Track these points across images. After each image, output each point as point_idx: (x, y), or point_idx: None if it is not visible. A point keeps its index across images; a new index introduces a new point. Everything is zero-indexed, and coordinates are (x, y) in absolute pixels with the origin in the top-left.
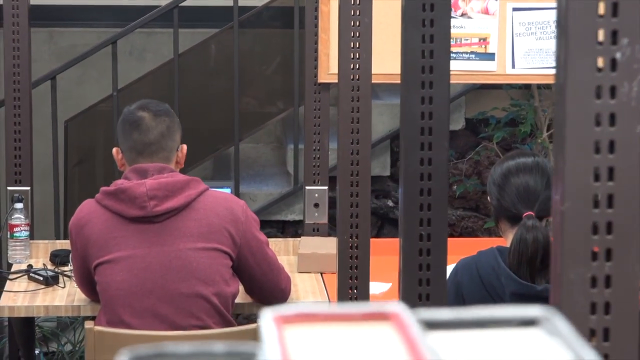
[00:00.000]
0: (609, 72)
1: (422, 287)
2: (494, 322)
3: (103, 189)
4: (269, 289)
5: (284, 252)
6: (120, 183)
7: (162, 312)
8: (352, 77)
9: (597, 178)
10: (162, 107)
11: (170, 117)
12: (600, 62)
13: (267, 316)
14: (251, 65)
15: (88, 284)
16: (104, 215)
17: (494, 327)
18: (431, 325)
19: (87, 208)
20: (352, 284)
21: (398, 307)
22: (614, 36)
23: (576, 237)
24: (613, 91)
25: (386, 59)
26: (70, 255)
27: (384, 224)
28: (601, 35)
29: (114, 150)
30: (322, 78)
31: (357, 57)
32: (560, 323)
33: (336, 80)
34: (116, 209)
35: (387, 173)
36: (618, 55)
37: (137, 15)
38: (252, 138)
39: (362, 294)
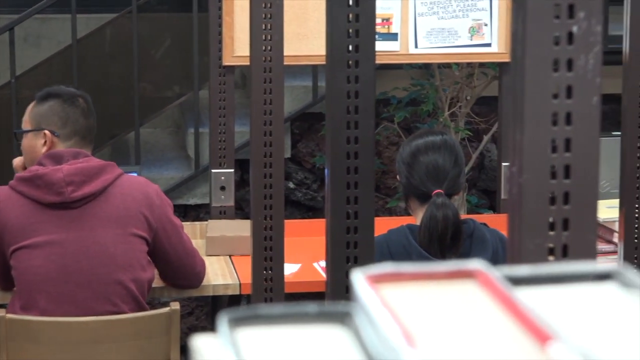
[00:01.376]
0: (566, 46)
1: (349, 264)
2: (571, 277)
3: (18, 175)
4: (184, 272)
5: (191, 235)
6: (35, 169)
7: (79, 297)
8: (264, 59)
9: (554, 150)
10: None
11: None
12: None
13: (359, 276)
14: (149, 50)
15: (1, 272)
16: (20, 201)
17: (571, 282)
18: (512, 281)
19: (2, 195)
20: (267, 264)
21: (480, 265)
22: (570, 10)
23: (534, 208)
24: (570, 64)
25: (291, 41)
26: None
27: (285, 206)
28: (557, 9)
29: (44, 133)
30: (227, 61)
31: (269, 38)
32: (634, 277)
33: (241, 63)
34: (32, 195)
35: (288, 155)
36: (575, 29)
37: (31, 1)
38: (150, 123)
39: (277, 275)
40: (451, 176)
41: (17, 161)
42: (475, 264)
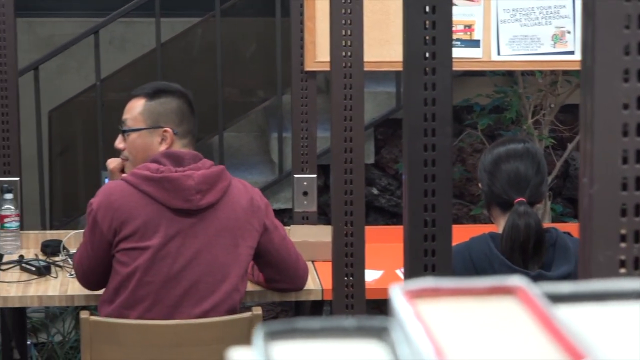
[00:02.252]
0: (637, 55)
1: (427, 272)
2: (617, 295)
3: (140, 172)
4: (287, 275)
5: None
6: (156, 169)
7: (181, 303)
8: (344, 65)
9: (625, 161)
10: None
11: None
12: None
13: (397, 291)
14: (233, 54)
15: (99, 272)
16: (143, 200)
17: (618, 300)
18: (556, 299)
19: (120, 190)
20: (347, 271)
21: (521, 281)
22: None
23: (605, 219)
24: None
25: (373, 47)
26: (85, 239)
27: (369, 212)
28: (628, 19)
29: (163, 130)
30: (309, 66)
31: (349, 44)
32: None
33: (323, 69)
34: (158, 197)
35: (372, 161)
36: None
37: (116, 4)
38: (234, 127)
39: (358, 282)
40: (533, 184)
41: (114, 163)
42: (516, 281)
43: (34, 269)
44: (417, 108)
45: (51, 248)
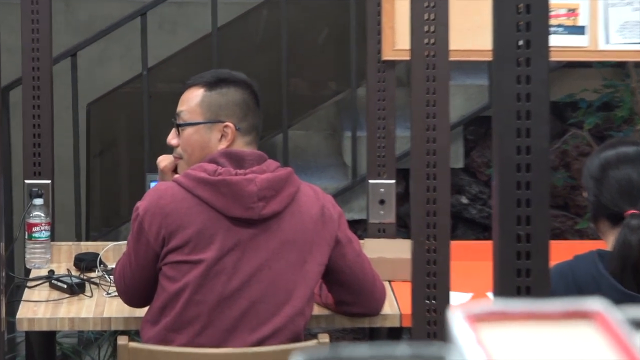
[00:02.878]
0: None
1: (521, 295)
2: None
3: (194, 174)
4: (361, 297)
5: None
6: (213, 170)
7: (237, 327)
8: (426, 54)
9: None
10: None
11: None
12: None
13: (458, 315)
14: (300, 41)
15: (143, 287)
16: (197, 207)
17: None
18: (637, 325)
19: (171, 194)
20: (429, 293)
21: (600, 305)
22: None
23: None
24: None
25: (461, 33)
26: (129, 247)
27: (456, 224)
28: None
29: (224, 125)
30: (387, 55)
31: (432, 30)
32: None
33: (403, 58)
34: (214, 203)
35: (460, 165)
36: None
37: None
38: (301, 124)
39: (441, 306)
40: None
41: (165, 161)
42: (596, 304)
43: (65, 286)
44: (508, 104)
45: (86, 262)
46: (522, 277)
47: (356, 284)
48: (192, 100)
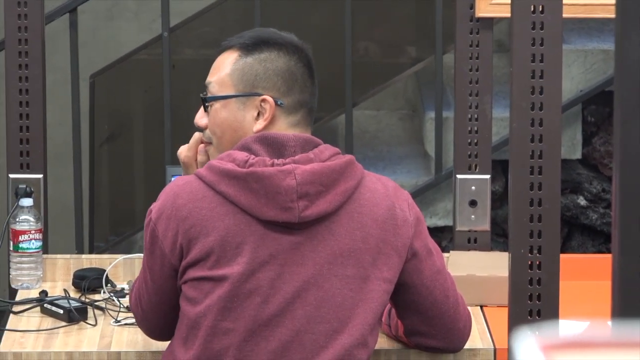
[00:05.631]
0: None
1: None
2: None
3: (219, 165)
4: (440, 326)
5: None
6: (244, 160)
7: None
8: (531, 9)
9: None
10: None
11: None
12: None
13: (530, 344)
14: None
15: (163, 314)
16: (220, 207)
17: None
18: None
19: (188, 191)
20: (532, 321)
21: None
22: None
23: None
24: None
25: None
26: (144, 262)
27: (571, 233)
28: None
29: (261, 99)
30: (482, 11)
31: None
32: None
33: (503, 14)
34: (242, 202)
35: (578, 156)
36: None
37: None
38: (370, 102)
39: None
40: None
41: (189, 151)
42: None
43: (61, 311)
44: (634, 76)
45: (89, 281)
46: None
47: (434, 308)
48: (223, 67)
